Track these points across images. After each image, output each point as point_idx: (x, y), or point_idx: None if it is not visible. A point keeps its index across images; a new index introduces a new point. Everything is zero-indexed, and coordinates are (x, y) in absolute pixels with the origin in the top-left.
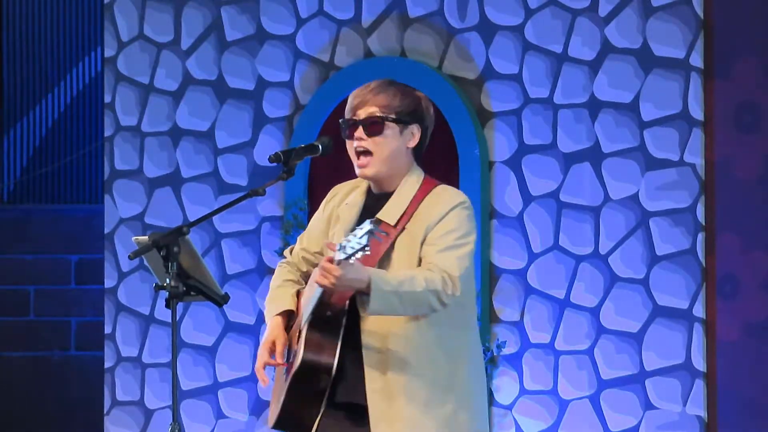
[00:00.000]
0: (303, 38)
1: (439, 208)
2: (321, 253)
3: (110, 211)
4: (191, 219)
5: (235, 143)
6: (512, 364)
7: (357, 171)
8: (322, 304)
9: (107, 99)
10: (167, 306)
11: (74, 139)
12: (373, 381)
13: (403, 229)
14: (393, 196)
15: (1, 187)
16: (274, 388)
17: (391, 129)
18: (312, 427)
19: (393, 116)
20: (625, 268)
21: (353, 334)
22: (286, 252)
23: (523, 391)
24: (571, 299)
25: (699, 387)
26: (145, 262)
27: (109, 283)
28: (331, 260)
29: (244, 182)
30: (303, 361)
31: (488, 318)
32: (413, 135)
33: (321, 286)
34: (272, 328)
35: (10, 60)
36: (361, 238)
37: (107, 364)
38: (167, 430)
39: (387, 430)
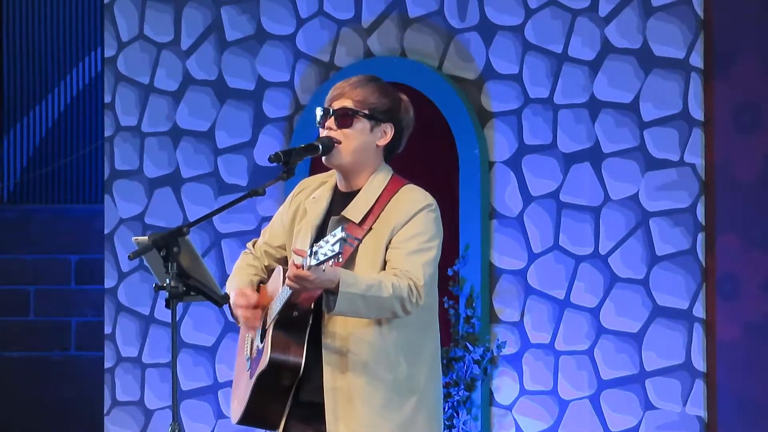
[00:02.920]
0: (303, 38)
1: (406, 210)
2: (283, 247)
3: (110, 211)
4: (191, 219)
5: (235, 143)
6: (512, 364)
7: (324, 160)
8: (288, 305)
9: (107, 99)
10: (167, 306)
11: (74, 139)
12: (331, 381)
13: (370, 229)
14: (359, 194)
15: (1, 187)
16: (235, 385)
17: (361, 123)
18: (279, 423)
19: (365, 112)
20: (625, 268)
21: (316, 333)
22: (249, 244)
23: (523, 391)
24: (571, 299)
25: (699, 387)
26: (145, 262)
27: (109, 283)
28: (301, 265)
29: (244, 182)
30: (270, 361)
31: (488, 318)
32: (385, 133)
33: (291, 288)
34: (236, 289)
35: (10, 60)
36: (333, 245)
37: (107, 364)
38: (167, 430)
39: (345, 429)
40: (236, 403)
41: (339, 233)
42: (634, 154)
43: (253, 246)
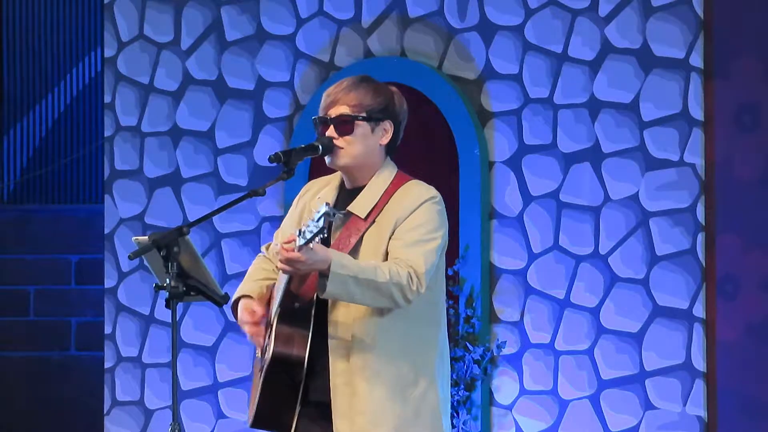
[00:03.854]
0: (303, 38)
1: (409, 203)
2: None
3: (110, 211)
4: (191, 219)
5: (235, 143)
6: (512, 364)
7: (327, 161)
8: (289, 296)
9: (107, 99)
10: (167, 306)
11: (74, 139)
12: (337, 375)
13: (373, 222)
14: (364, 190)
15: (1, 187)
16: (252, 386)
17: (362, 127)
18: (290, 425)
19: (364, 115)
20: (625, 268)
21: (322, 327)
22: (263, 248)
23: (523, 391)
24: (571, 299)
25: (699, 387)
26: (145, 262)
27: (109, 283)
28: (291, 248)
29: (244, 182)
30: (274, 355)
31: (488, 318)
32: (385, 132)
33: (285, 272)
34: (243, 301)
35: (10, 60)
36: (317, 221)
37: (107, 364)
38: (167, 430)
39: (349, 425)
40: (251, 404)
41: (322, 209)
42: (634, 154)
43: (267, 249)
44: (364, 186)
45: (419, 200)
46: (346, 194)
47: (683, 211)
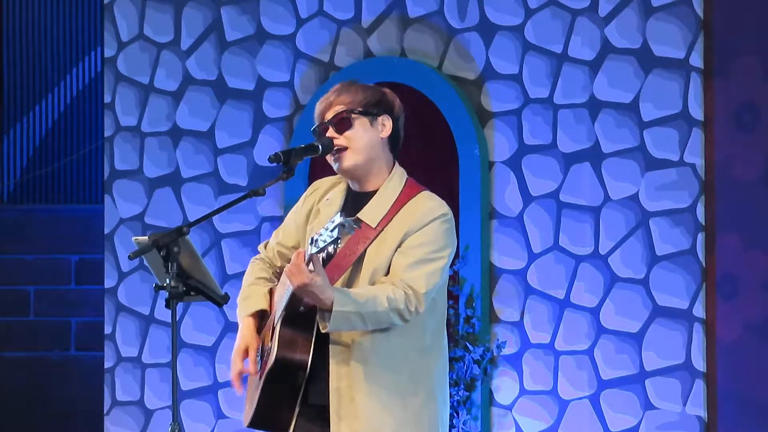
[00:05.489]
0: (303, 38)
1: (420, 217)
2: (296, 248)
3: (110, 211)
4: (191, 219)
5: (235, 143)
6: (512, 364)
7: (335, 167)
8: (294, 300)
9: (107, 99)
10: (167, 306)
11: (74, 139)
12: (337, 379)
13: (381, 231)
14: (375, 198)
15: (1, 187)
16: (248, 387)
17: (359, 121)
18: (289, 426)
19: (359, 109)
20: (625, 268)
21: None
22: (260, 247)
23: (523, 391)
24: (571, 299)
25: (699, 387)
26: (145, 262)
27: (109, 283)
28: (302, 255)
29: (244, 182)
30: (277, 359)
31: (488, 318)
32: (384, 125)
33: (289, 281)
34: (244, 331)
35: (10, 60)
36: (332, 231)
37: (107, 364)
38: (167, 430)
39: (348, 429)
40: (248, 406)
41: (337, 219)
42: (634, 154)
43: (265, 248)
44: (372, 191)
45: (429, 216)
46: (354, 198)
47: (683, 211)
